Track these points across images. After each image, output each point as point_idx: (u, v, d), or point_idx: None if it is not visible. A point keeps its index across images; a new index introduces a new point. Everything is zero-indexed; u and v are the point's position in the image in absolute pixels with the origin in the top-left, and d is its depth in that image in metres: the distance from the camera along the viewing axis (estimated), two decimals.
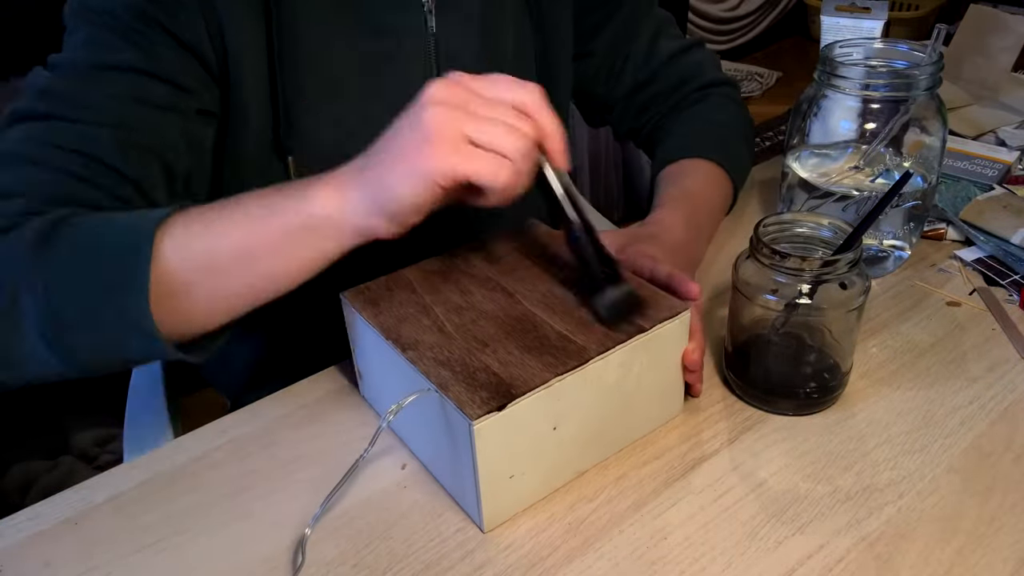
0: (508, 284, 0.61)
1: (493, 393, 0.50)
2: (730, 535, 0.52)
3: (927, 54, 0.72)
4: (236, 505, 0.56)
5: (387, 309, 0.59)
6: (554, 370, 0.52)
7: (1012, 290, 0.75)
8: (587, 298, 0.57)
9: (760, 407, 0.62)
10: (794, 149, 0.78)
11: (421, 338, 0.55)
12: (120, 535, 0.55)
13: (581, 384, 0.53)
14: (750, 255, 0.60)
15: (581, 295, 0.58)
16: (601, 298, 0.55)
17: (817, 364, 0.62)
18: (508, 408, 0.49)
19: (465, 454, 0.50)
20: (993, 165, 0.89)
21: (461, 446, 0.51)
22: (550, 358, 0.53)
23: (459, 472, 0.53)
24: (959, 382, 0.64)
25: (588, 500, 0.55)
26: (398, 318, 0.58)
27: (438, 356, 0.54)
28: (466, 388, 0.51)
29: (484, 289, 0.60)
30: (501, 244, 0.66)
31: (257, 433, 0.62)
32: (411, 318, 0.58)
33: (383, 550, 0.53)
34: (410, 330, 0.56)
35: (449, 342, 0.55)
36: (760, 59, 3.57)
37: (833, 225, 0.61)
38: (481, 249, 0.65)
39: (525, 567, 0.51)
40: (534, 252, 0.65)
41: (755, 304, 0.60)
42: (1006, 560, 0.50)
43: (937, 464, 0.57)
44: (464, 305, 0.59)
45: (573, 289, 0.59)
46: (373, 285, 0.61)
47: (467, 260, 0.64)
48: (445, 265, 0.64)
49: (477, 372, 0.52)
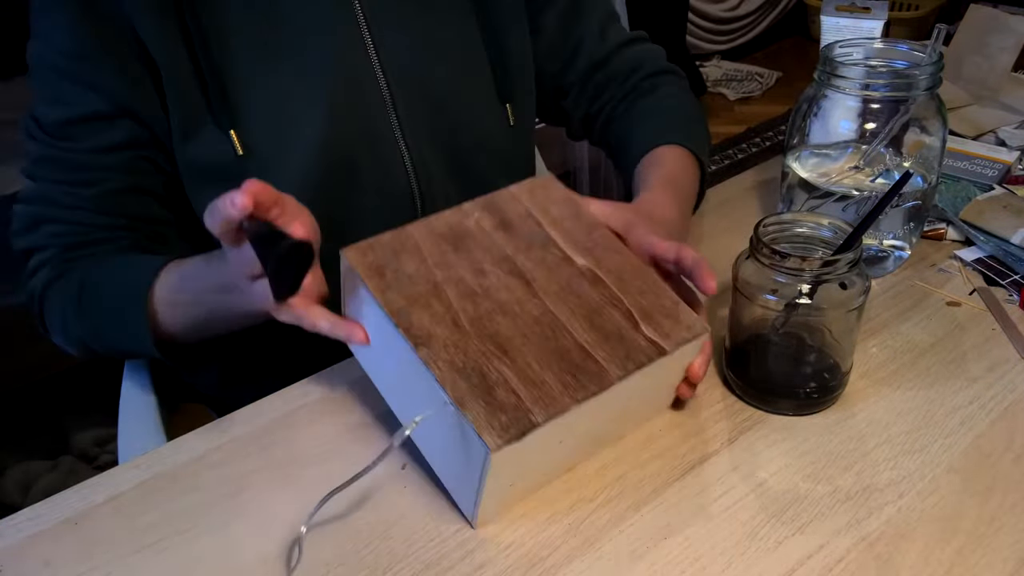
0: (525, 266, 0.57)
1: (512, 418, 0.49)
2: (730, 535, 0.52)
3: (927, 54, 0.72)
4: (236, 505, 0.56)
5: (395, 282, 0.55)
6: (574, 395, 0.51)
7: (1012, 290, 0.75)
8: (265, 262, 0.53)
9: (760, 407, 0.62)
10: (794, 149, 0.78)
11: (435, 331, 0.53)
12: (120, 535, 0.55)
13: (596, 406, 0.52)
14: (750, 255, 0.59)
15: (559, 283, 0.57)
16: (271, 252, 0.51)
17: (817, 364, 0.62)
18: (527, 437, 0.49)
19: (474, 468, 0.50)
20: (993, 165, 0.89)
21: (472, 461, 0.50)
22: (570, 378, 0.52)
23: (460, 475, 0.53)
24: (959, 382, 0.64)
25: (588, 500, 0.55)
26: (408, 298, 0.54)
27: (454, 359, 0.52)
28: (485, 408, 0.49)
29: (500, 271, 0.57)
30: (514, 204, 0.61)
31: (257, 433, 0.62)
32: (421, 300, 0.54)
33: (383, 550, 0.53)
34: (422, 318, 0.53)
35: (464, 340, 0.53)
36: (760, 59, 3.57)
37: (833, 225, 0.61)
38: (494, 208, 0.61)
39: (525, 567, 0.51)
40: (550, 217, 0.61)
41: (755, 304, 0.60)
42: (1006, 560, 0.50)
43: (937, 464, 0.57)
44: (478, 291, 0.55)
45: (591, 279, 0.58)
46: (377, 245, 0.57)
47: (479, 223, 0.60)
48: (455, 226, 0.59)
49: (496, 387, 0.51)
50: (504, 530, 0.54)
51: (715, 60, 3.51)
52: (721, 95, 3.25)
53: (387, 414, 0.63)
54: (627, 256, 0.60)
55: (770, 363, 0.63)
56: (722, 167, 2.70)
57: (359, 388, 0.66)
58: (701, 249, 0.83)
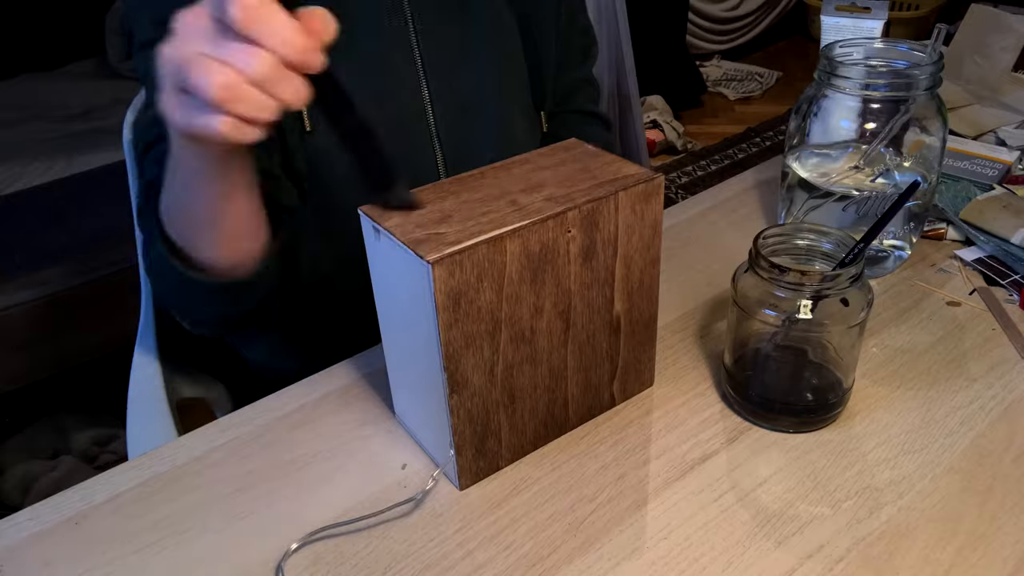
0: (576, 307, 0.55)
1: (486, 464, 0.57)
2: (730, 535, 0.52)
3: (927, 54, 0.72)
4: (236, 505, 0.56)
5: (464, 317, 0.50)
6: (537, 442, 0.59)
7: (1012, 290, 0.75)
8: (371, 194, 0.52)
9: (759, 424, 0.61)
10: (794, 149, 0.78)
11: (471, 378, 0.52)
12: (120, 535, 0.55)
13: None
14: (749, 268, 0.58)
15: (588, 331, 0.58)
16: (383, 197, 0.52)
17: (818, 381, 0.61)
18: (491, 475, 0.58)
19: (451, 474, 0.57)
20: (993, 165, 0.89)
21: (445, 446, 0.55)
22: (543, 428, 0.59)
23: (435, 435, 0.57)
24: (959, 382, 0.64)
25: (588, 500, 0.55)
26: (467, 338, 0.50)
27: (472, 410, 0.54)
28: (473, 455, 0.56)
29: (555, 311, 0.54)
30: (610, 221, 0.54)
31: (257, 433, 0.63)
32: (477, 342, 0.51)
33: (383, 550, 0.53)
34: (467, 364, 0.51)
35: (489, 390, 0.54)
36: (760, 59, 3.57)
37: (835, 237, 0.59)
38: (590, 224, 0.53)
39: (525, 567, 0.51)
40: (628, 248, 0.56)
41: (754, 319, 0.58)
42: (1006, 560, 0.50)
43: (937, 464, 0.57)
44: (527, 334, 0.54)
45: (613, 329, 0.59)
46: (467, 262, 0.48)
47: (568, 247, 0.53)
48: (547, 245, 0.52)
49: (488, 437, 0.56)
50: (504, 530, 0.54)
51: (715, 60, 3.51)
52: (721, 95, 3.25)
53: (388, 414, 0.63)
54: (654, 303, 0.61)
55: (769, 380, 0.61)
56: (722, 167, 2.70)
57: (360, 387, 0.66)
58: (701, 249, 0.83)
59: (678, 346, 0.69)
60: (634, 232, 0.56)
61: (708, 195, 0.94)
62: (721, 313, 0.73)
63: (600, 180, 0.54)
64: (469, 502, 0.56)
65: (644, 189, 0.54)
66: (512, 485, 0.57)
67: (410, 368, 0.57)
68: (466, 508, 0.55)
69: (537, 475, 0.58)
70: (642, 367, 0.63)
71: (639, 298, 0.59)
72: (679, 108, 2.98)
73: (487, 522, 0.54)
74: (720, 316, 0.72)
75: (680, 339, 0.70)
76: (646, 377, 0.64)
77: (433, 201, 0.52)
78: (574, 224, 0.52)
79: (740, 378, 0.62)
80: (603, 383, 0.61)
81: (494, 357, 0.53)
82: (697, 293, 0.76)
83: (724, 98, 3.24)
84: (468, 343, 0.51)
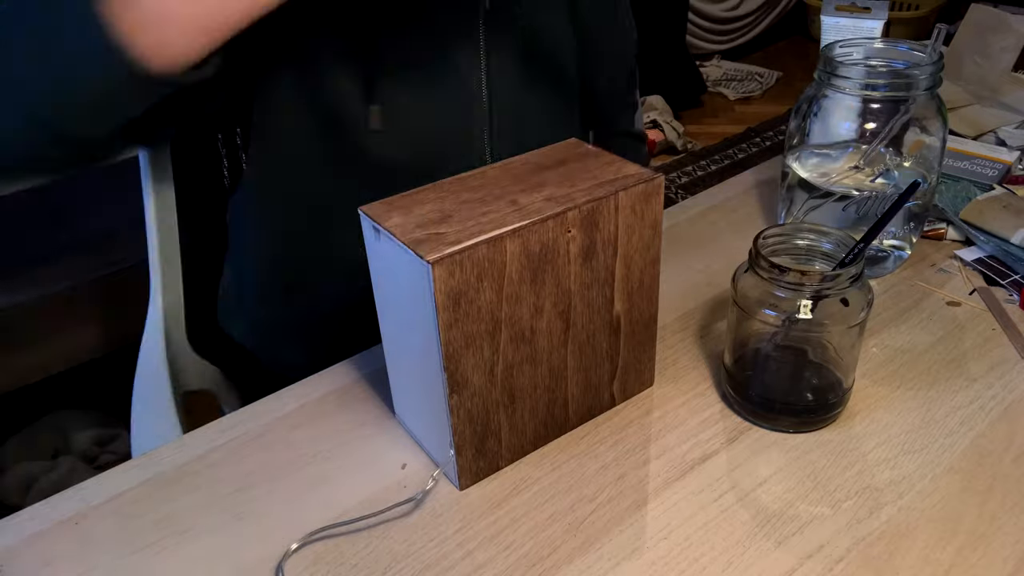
0: (576, 308, 0.55)
1: (486, 464, 0.57)
2: (730, 535, 0.52)
3: (927, 54, 0.72)
4: (236, 505, 0.56)
5: (465, 317, 0.50)
6: (536, 442, 0.59)
7: (1012, 290, 0.75)
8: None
9: (759, 424, 0.61)
10: (794, 149, 0.78)
11: (471, 378, 0.52)
12: (120, 535, 0.55)
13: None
14: (749, 268, 0.58)
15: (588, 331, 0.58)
16: None
17: (818, 381, 0.61)
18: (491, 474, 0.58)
19: (451, 474, 0.57)
20: (993, 165, 0.89)
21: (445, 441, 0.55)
22: (543, 428, 0.59)
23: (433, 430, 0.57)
24: (959, 382, 0.64)
25: (588, 500, 0.55)
26: (467, 338, 0.50)
27: (472, 410, 0.53)
28: (473, 455, 0.56)
29: (555, 311, 0.54)
30: (610, 221, 0.54)
31: (257, 433, 0.63)
32: (477, 342, 0.51)
33: (383, 550, 0.53)
34: (467, 364, 0.51)
35: (489, 390, 0.54)
36: (760, 59, 3.57)
37: (835, 237, 0.59)
38: (591, 224, 0.53)
39: (525, 567, 0.51)
40: (629, 247, 0.56)
41: (754, 319, 0.59)
42: (1006, 560, 0.50)
43: (937, 464, 0.57)
44: (527, 334, 0.54)
45: (613, 329, 0.59)
46: (468, 262, 0.48)
47: (569, 247, 0.53)
48: (547, 244, 0.52)
49: (488, 437, 0.56)
50: (504, 530, 0.54)
51: (715, 60, 3.51)
52: (721, 95, 3.26)
53: (388, 414, 0.63)
54: (654, 303, 0.61)
55: (769, 380, 0.61)
56: (722, 167, 2.70)
57: (360, 387, 0.66)
58: (701, 249, 0.83)
59: (678, 346, 0.69)
60: (634, 232, 0.56)
61: (708, 195, 0.94)
62: (721, 313, 0.73)
63: (600, 180, 0.54)
64: (469, 502, 0.56)
65: (644, 189, 0.54)
66: (512, 485, 0.57)
67: (410, 368, 0.57)
68: (466, 508, 0.55)
69: (537, 475, 0.58)
70: (642, 367, 0.63)
71: (639, 298, 0.59)
72: (679, 108, 2.99)
73: (487, 522, 0.54)
74: (720, 316, 0.72)
75: (680, 339, 0.70)
76: (646, 377, 0.64)
77: (433, 201, 0.53)
78: (574, 224, 0.52)
79: (740, 378, 0.62)
80: (603, 383, 0.61)
81: (494, 357, 0.53)
82: (697, 293, 0.76)
83: (724, 98, 3.24)
84: (468, 343, 0.51)
